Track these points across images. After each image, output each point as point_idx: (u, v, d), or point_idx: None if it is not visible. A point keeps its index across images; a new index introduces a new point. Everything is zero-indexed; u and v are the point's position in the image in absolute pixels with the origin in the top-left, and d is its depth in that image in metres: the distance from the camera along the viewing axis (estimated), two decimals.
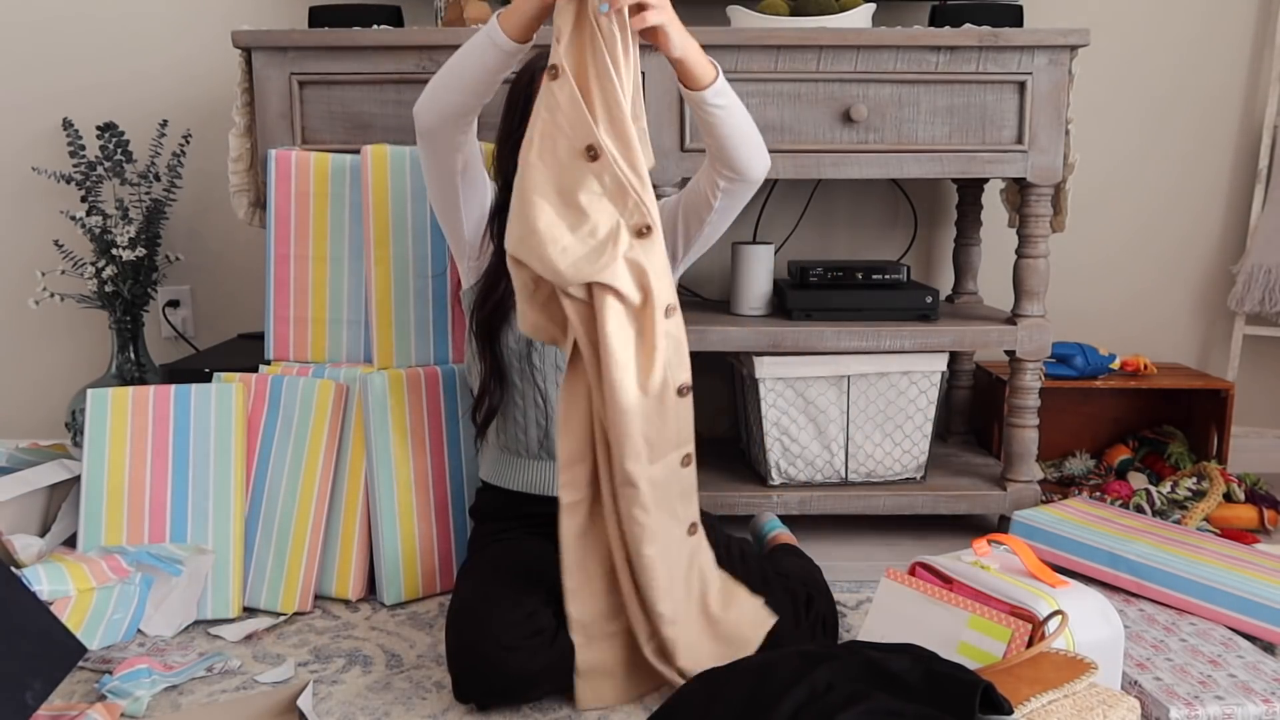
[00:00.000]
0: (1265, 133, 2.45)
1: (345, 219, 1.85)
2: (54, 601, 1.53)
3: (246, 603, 1.74)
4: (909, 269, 2.14)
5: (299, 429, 1.78)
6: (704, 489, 2.04)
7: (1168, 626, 1.55)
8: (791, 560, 1.76)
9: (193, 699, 1.45)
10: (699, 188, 1.62)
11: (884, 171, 1.96)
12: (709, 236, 1.68)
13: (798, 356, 2.02)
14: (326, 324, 1.87)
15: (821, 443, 2.07)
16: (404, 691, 1.48)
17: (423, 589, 1.79)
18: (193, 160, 2.41)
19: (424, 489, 1.80)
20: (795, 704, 1.07)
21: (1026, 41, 1.91)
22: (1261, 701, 1.31)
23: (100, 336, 2.50)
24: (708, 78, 1.47)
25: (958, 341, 2.03)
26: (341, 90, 1.92)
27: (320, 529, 1.75)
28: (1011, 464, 2.07)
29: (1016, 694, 1.13)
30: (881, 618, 1.38)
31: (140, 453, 1.75)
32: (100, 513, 1.73)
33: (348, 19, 1.98)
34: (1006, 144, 1.96)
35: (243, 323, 2.50)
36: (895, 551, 2.04)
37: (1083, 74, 2.23)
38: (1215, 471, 2.17)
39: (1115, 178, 2.52)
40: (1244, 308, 2.44)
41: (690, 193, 1.64)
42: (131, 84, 2.45)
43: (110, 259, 2.25)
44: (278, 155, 1.86)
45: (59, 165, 2.38)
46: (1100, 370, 2.34)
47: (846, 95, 1.94)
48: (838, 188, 2.49)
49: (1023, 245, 2.01)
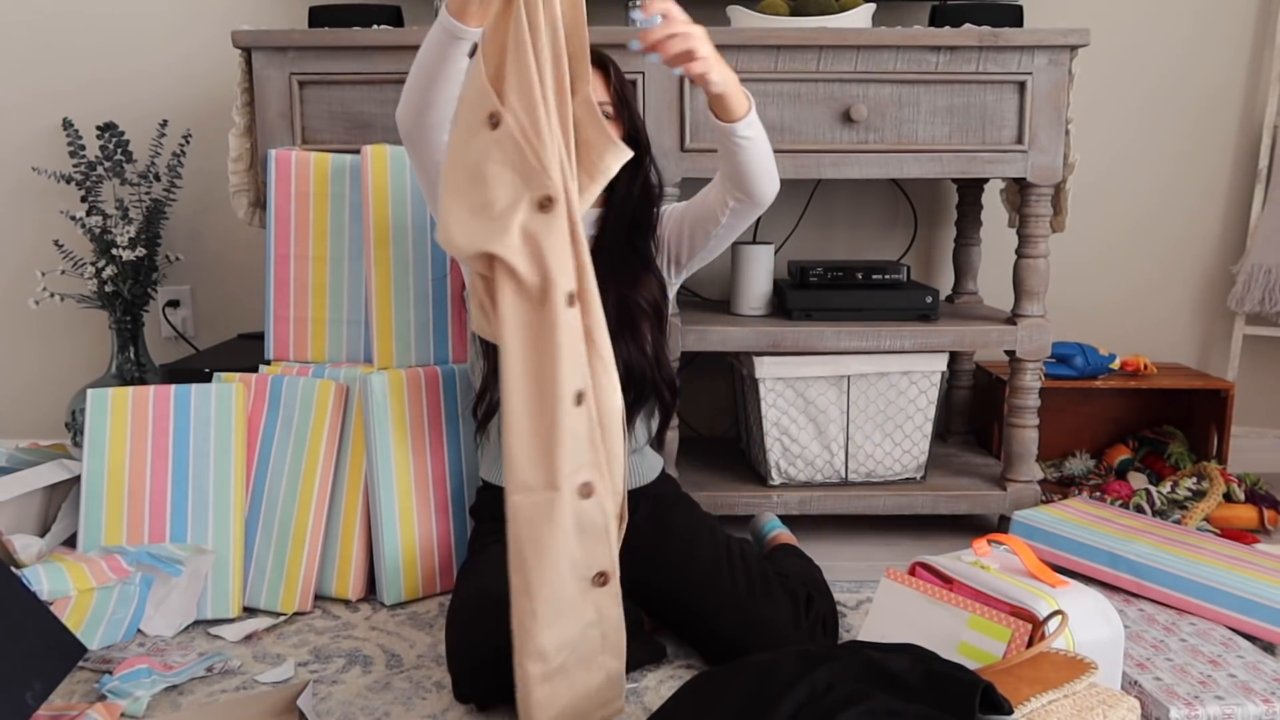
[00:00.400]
0: (1265, 132, 2.45)
1: (345, 219, 1.85)
2: (54, 601, 1.53)
3: (246, 603, 1.74)
4: (909, 269, 2.14)
5: (299, 429, 1.78)
6: (704, 489, 2.05)
7: (1168, 626, 1.55)
8: (791, 560, 1.76)
9: (193, 699, 1.45)
10: (708, 203, 1.63)
11: (884, 171, 1.96)
12: (712, 249, 1.70)
13: (798, 356, 2.02)
14: (326, 324, 1.87)
15: (821, 443, 2.07)
16: (404, 691, 1.48)
17: (423, 589, 1.79)
18: (193, 160, 2.41)
19: (424, 489, 1.80)
20: (795, 704, 1.07)
21: (1026, 41, 1.91)
22: (1261, 701, 1.31)
23: (100, 336, 2.50)
24: (741, 110, 1.48)
25: (958, 341, 2.03)
26: (341, 90, 1.92)
27: (320, 529, 1.75)
28: (1011, 464, 2.07)
29: (1016, 694, 1.13)
30: (881, 618, 1.38)
31: (140, 453, 1.75)
32: (100, 513, 1.73)
33: (348, 19, 1.98)
34: (1006, 144, 1.96)
35: (243, 323, 2.50)
36: (895, 551, 2.04)
37: (1083, 74, 2.23)
38: (1215, 471, 2.17)
39: (1115, 177, 2.52)
40: (1244, 308, 2.44)
41: (699, 205, 1.65)
42: (131, 84, 2.45)
43: (110, 259, 2.25)
44: (278, 155, 1.86)
45: (59, 165, 2.38)
46: (1100, 370, 2.34)
47: (846, 95, 1.94)
48: (838, 188, 2.49)
49: (1023, 245, 2.01)
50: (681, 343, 1.97)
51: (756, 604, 1.52)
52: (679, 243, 1.69)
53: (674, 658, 1.58)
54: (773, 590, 1.54)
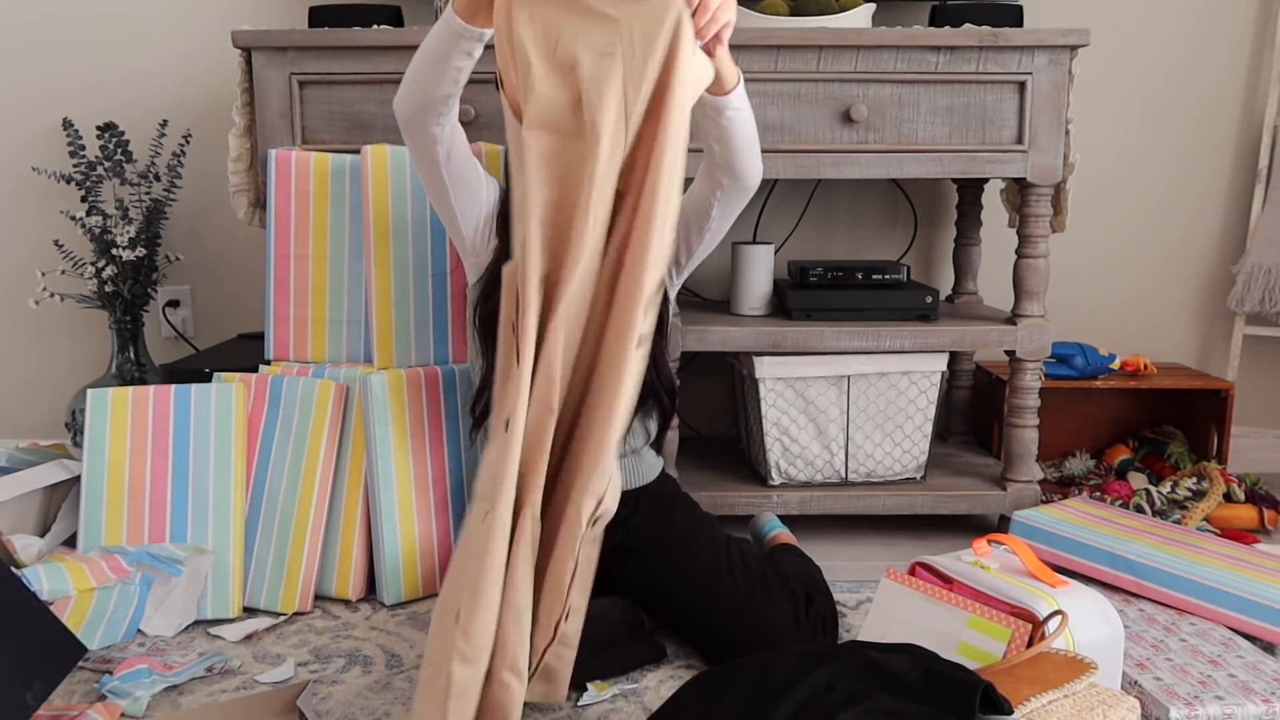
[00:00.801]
0: (1265, 133, 2.45)
1: (345, 219, 1.85)
2: (54, 601, 1.53)
3: (246, 603, 1.74)
4: (909, 269, 2.14)
5: (299, 429, 1.78)
6: (704, 489, 2.05)
7: (1168, 626, 1.55)
8: (791, 560, 1.76)
9: (193, 699, 1.45)
10: (699, 196, 1.63)
11: (884, 171, 1.96)
12: (709, 244, 1.70)
13: (798, 356, 2.02)
14: (326, 324, 1.87)
15: (821, 443, 2.07)
16: (404, 691, 1.48)
17: (423, 589, 1.79)
18: (193, 160, 2.41)
19: (424, 489, 1.80)
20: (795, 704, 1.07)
21: (1026, 41, 1.91)
22: (1261, 701, 1.31)
23: (100, 336, 2.50)
24: (732, 81, 1.48)
25: (958, 341, 2.03)
26: (341, 90, 1.92)
27: (320, 529, 1.75)
28: (1011, 464, 2.07)
29: (1016, 694, 1.13)
30: (881, 618, 1.38)
31: (140, 453, 1.75)
32: (100, 513, 1.73)
33: (348, 19, 1.98)
34: (1006, 144, 1.96)
35: (243, 323, 2.50)
36: (895, 551, 2.04)
37: (1083, 74, 2.23)
38: (1215, 471, 2.17)
39: (1115, 177, 2.52)
40: (1244, 308, 2.44)
41: (689, 202, 1.65)
42: (131, 84, 2.45)
43: (110, 259, 2.25)
44: (278, 155, 1.86)
45: (59, 165, 2.38)
46: (1100, 370, 2.34)
47: (846, 95, 1.94)
48: (838, 188, 2.49)
49: (1023, 245, 2.01)
50: (681, 343, 1.97)
51: (756, 604, 1.52)
52: (676, 244, 1.69)
53: (674, 658, 1.58)
54: (773, 590, 1.54)
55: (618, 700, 1.46)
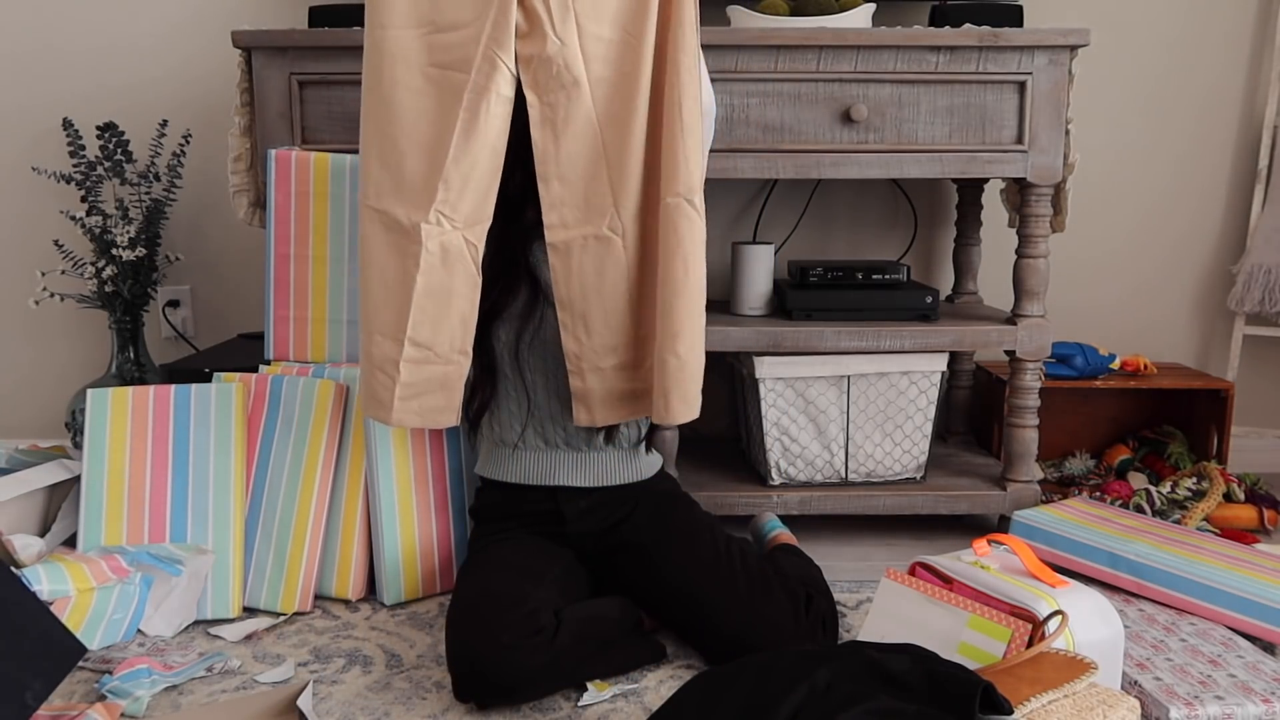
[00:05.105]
0: (1265, 133, 2.45)
1: (345, 219, 1.85)
2: (54, 601, 1.53)
3: (246, 603, 1.74)
4: (909, 269, 2.14)
5: (299, 429, 1.78)
6: (704, 489, 2.05)
7: (1168, 626, 1.55)
8: (791, 560, 1.76)
9: (193, 699, 1.45)
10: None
11: (884, 171, 1.96)
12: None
13: (798, 356, 2.02)
14: (326, 324, 1.87)
15: (821, 443, 2.07)
16: (404, 691, 1.48)
17: (423, 589, 1.79)
18: (193, 160, 2.41)
19: (424, 489, 1.80)
20: (795, 704, 1.07)
21: (1026, 41, 1.91)
22: (1261, 701, 1.31)
23: (100, 336, 2.50)
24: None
25: (958, 341, 2.03)
26: (341, 90, 1.92)
27: (320, 529, 1.75)
28: (1011, 464, 2.07)
29: (1016, 694, 1.13)
30: (881, 618, 1.38)
31: (140, 453, 1.75)
32: (100, 513, 1.73)
33: (348, 19, 1.98)
34: (1006, 144, 1.96)
35: (243, 323, 2.50)
36: (895, 551, 2.04)
37: (1083, 74, 2.22)
38: (1215, 471, 2.17)
39: (1115, 178, 2.52)
40: (1244, 308, 2.44)
41: None
42: (131, 84, 2.45)
43: (110, 259, 2.25)
44: (278, 155, 1.86)
45: (59, 165, 2.38)
46: (1100, 370, 2.34)
47: (846, 95, 1.94)
48: (838, 188, 2.49)
49: (1023, 245, 2.01)
50: None
51: (756, 603, 1.52)
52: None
53: (674, 658, 1.58)
54: (773, 590, 1.54)
55: (618, 700, 1.46)
